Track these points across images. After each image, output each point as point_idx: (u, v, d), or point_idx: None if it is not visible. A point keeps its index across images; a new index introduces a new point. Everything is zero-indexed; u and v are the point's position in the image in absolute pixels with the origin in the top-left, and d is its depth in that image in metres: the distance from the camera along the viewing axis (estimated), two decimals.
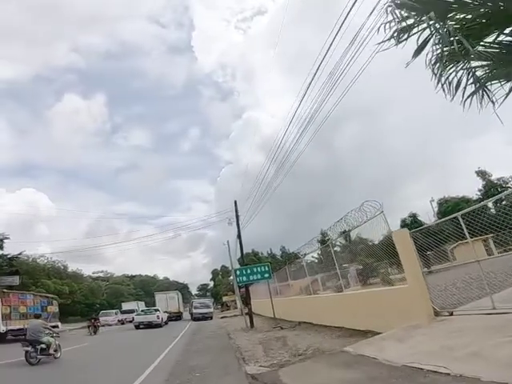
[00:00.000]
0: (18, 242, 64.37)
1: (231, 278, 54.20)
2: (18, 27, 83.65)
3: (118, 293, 67.04)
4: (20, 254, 44.41)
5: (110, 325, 32.37)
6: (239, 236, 16.81)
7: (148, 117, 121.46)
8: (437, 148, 68.66)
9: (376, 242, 9.35)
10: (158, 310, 25.20)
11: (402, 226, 27.74)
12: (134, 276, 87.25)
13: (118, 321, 34.08)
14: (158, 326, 23.10)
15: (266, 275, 15.36)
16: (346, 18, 6.84)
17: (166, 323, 25.78)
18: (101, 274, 79.43)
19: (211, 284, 74.34)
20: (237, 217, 17.19)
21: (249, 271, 15.39)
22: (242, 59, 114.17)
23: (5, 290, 16.82)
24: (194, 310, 31.15)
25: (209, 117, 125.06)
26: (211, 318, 30.25)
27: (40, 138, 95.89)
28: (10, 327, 15.16)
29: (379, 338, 6.54)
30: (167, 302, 32.98)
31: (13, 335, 15.42)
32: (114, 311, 35.06)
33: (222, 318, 30.27)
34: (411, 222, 29.89)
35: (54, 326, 19.15)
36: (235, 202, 17.52)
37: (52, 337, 9.82)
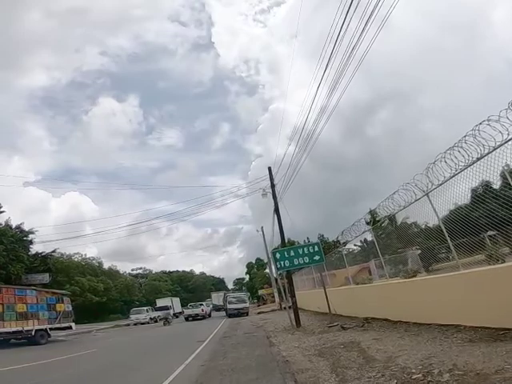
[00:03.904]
0: (65, 244, 66.13)
1: (267, 270, 51.51)
2: (46, 34, 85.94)
3: (156, 289, 66.40)
4: (54, 251, 44.13)
5: (142, 323, 30.23)
6: (276, 210, 13.11)
7: (178, 116, 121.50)
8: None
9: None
10: (202, 305, 30.46)
11: None
12: (172, 272, 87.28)
13: (151, 319, 31.82)
14: (203, 317, 28.15)
15: (317, 257, 11.49)
16: None
17: (209, 315, 30.86)
18: (140, 271, 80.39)
19: (247, 278, 72.23)
20: (272, 186, 13.49)
21: (292, 253, 11.63)
22: (263, 52, 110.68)
23: None
24: (229, 306, 28.02)
25: (236, 112, 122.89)
26: (247, 313, 26.94)
27: (79, 142, 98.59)
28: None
29: None
30: (218, 299, 41.04)
31: (4, 338, 13.05)
32: (145, 308, 32.90)
33: (258, 313, 26.88)
34: None
35: (65, 328, 17.17)
36: (269, 169, 13.86)
37: None
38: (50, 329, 15.37)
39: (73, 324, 16.92)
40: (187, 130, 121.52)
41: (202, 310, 28.77)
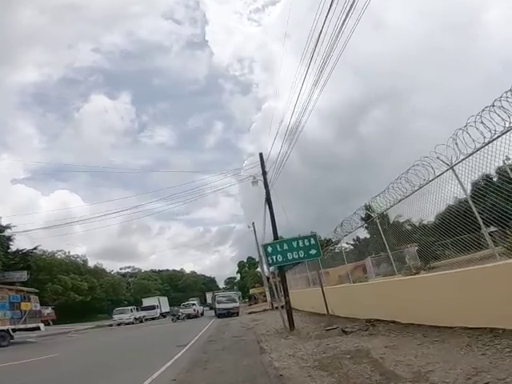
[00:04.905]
0: (55, 243, 63.76)
1: (258, 269, 50.29)
2: (39, 30, 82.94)
3: (145, 288, 64.61)
4: (35, 248, 42.17)
5: (126, 324, 28.65)
6: (268, 199, 11.83)
7: (171, 114, 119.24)
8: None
9: None
10: (194, 304, 31.74)
11: None
12: (162, 271, 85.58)
13: (135, 319, 30.24)
14: (195, 316, 28.91)
15: (314, 252, 10.21)
16: None
17: (202, 314, 31.74)
18: (128, 270, 78.43)
19: (238, 277, 70.94)
20: (264, 173, 12.19)
21: (286, 247, 10.34)
22: (257, 50, 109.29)
23: None
24: (218, 305, 26.63)
25: (230, 110, 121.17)
26: (237, 314, 25.61)
27: (70, 140, 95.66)
28: None
29: None
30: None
31: None
32: (129, 308, 31.27)
33: (249, 313, 25.57)
34: None
35: (32, 329, 15.64)
36: (261, 155, 12.56)
37: None
38: (14, 330, 13.79)
39: (41, 325, 15.31)
40: (180, 128, 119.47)
41: (194, 310, 29.72)
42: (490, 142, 4.77)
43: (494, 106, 4.82)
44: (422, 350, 4.87)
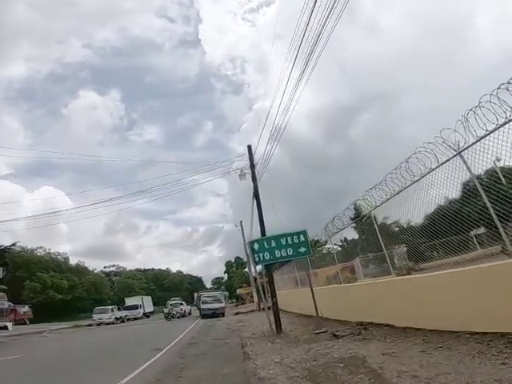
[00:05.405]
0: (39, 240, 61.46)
1: (246, 269, 49.58)
2: (29, 25, 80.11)
3: (130, 287, 63.00)
4: (13, 244, 40.49)
5: (106, 323, 27.48)
6: (256, 194, 11.14)
7: (161, 112, 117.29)
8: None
9: None
10: (182, 304, 32.39)
11: None
12: (147, 270, 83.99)
13: (116, 319, 29.06)
14: (182, 316, 29.32)
15: (303, 249, 9.56)
16: None
17: (189, 314, 32.88)
18: (113, 269, 76.54)
19: (226, 277, 70.10)
20: (252, 166, 11.49)
21: (274, 244, 9.65)
22: (251, 50, 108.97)
23: None
24: (203, 306, 25.78)
25: (221, 110, 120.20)
26: (223, 314, 24.85)
27: (57, 136, 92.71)
28: None
29: None
30: None
31: None
32: (110, 307, 30.03)
33: (236, 314, 24.84)
34: None
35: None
36: (249, 148, 11.86)
37: None
38: None
39: (9, 324, 14.18)
40: (170, 126, 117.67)
41: (181, 310, 30.35)
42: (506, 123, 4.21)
43: (509, 82, 4.27)
44: (427, 358, 4.27)
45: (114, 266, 77.25)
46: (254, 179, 11.40)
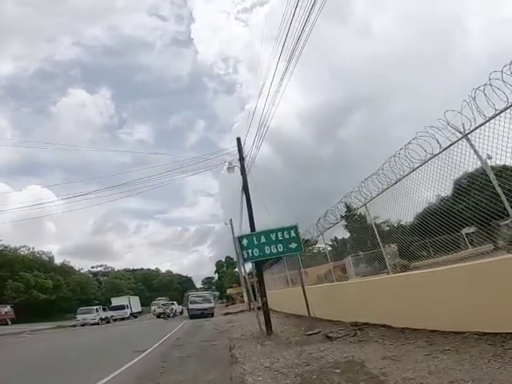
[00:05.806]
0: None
1: (236, 269, 48.93)
2: (18, 22, 77.65)
3: (118, 288, 61.68)
4: None
5: (91, 324, 26.55)
6: (245, 187, 10.62)
7: (151, 111, 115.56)
8: None
9: None
10: (173, 304, 32.84)
11: None
12: (136, 270, 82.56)
13: (101, 319, 28.13)
14: (174, 316, 28.88)
15: (294, 245, 9.08)
16: None
17: (181, 313, 32.83)
18: (100, 269, 74.91)
19: (216, 277, 69.39)
20: (241, 159, 10.96)
21: (263, 239, 9.14)
22: (243, 50, 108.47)
23: None
24: (191, 306, 25.12)
25: (213, 109, 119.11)
26: (212, 314, 24.23)
27: (45, 135, 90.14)
28: None
29: None
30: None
31: None
32: (94, 308, 29.04)
33: (225, 314, 24.29)
34: None
35: None
36: (238, 140, 11.33)
37: None
38: None
39: None
40: (160, 125, 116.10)
41: (172, 310, 30.12)
42: None
43: None
44: (435, 362, 3.82)
45: (101, 266, 75.73)
46: (242, 172, 10.88)
